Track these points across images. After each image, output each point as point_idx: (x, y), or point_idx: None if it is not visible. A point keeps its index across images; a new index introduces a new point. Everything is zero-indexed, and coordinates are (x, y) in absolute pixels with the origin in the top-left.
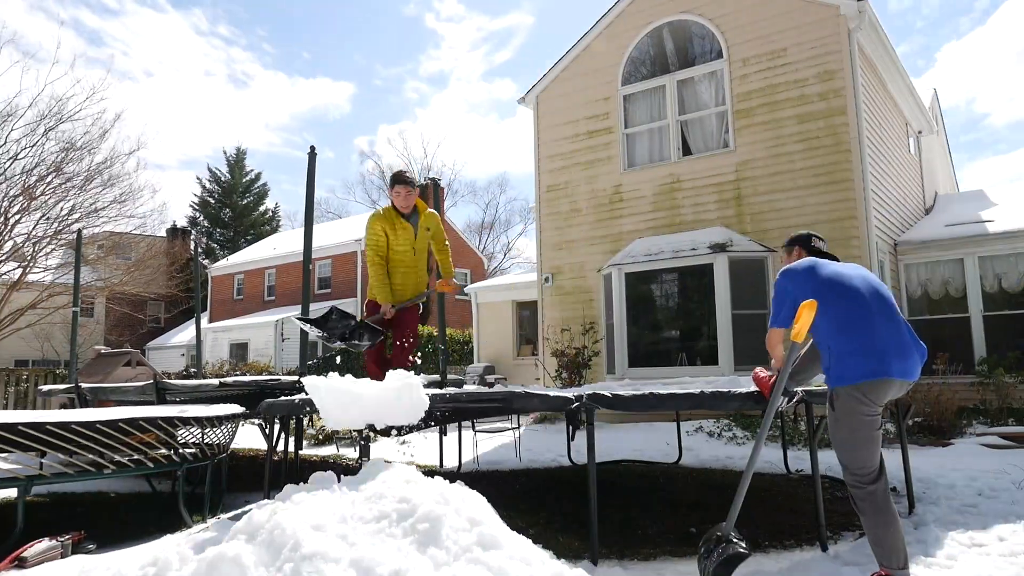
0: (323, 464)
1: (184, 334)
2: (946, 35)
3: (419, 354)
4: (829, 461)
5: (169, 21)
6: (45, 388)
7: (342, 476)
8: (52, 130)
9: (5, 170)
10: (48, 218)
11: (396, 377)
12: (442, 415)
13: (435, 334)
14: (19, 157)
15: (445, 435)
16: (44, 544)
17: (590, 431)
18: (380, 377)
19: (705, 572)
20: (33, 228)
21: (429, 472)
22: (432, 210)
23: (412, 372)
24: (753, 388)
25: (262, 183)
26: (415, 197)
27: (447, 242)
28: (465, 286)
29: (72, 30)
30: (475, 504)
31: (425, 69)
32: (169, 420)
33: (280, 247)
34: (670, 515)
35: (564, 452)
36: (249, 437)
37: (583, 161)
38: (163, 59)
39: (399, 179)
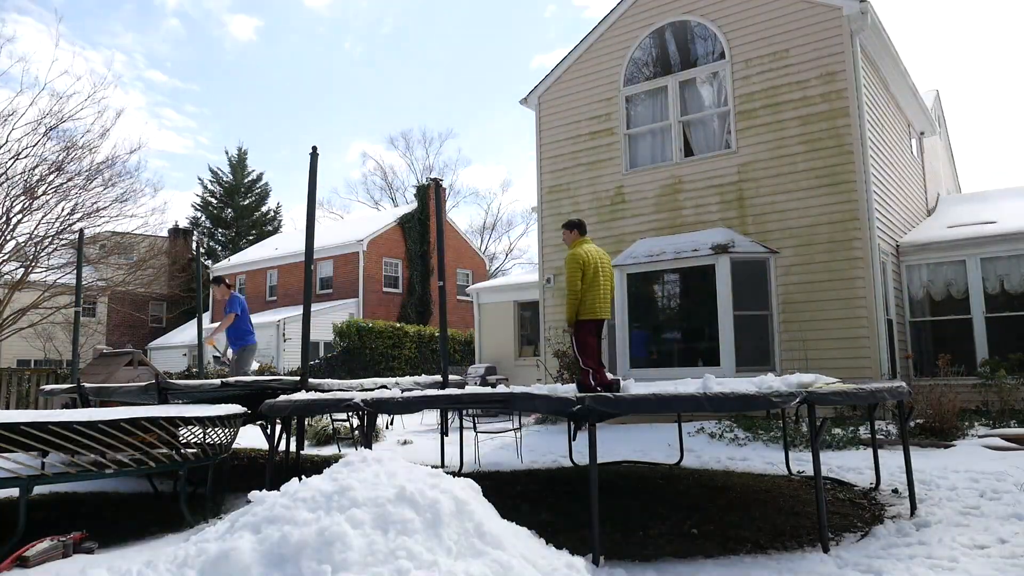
0: (325, 464)
1: (186, 334)
2: None
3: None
4: (831, 463)
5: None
6: (47, 388)
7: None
8: (53, 129)
9: (7, 169)
10: (50, 218)
11: None
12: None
13: (436, 335)
14: (20, 156)
15: (447, 435)
16: (46, 544)
17: (592, 432)
18: None
19: None
20: (35, 228)
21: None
22: None
23: None
24: (752, 389)
25: (264, 183)
26: None
27: None
28: (466, 287)
29: None
30: (481, 507)
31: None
32: (171, 420)
33: (282, 247)
34: (672, 516)
35: (565, 453)
36: (251, 437)
37: (585, 162)
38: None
39: None
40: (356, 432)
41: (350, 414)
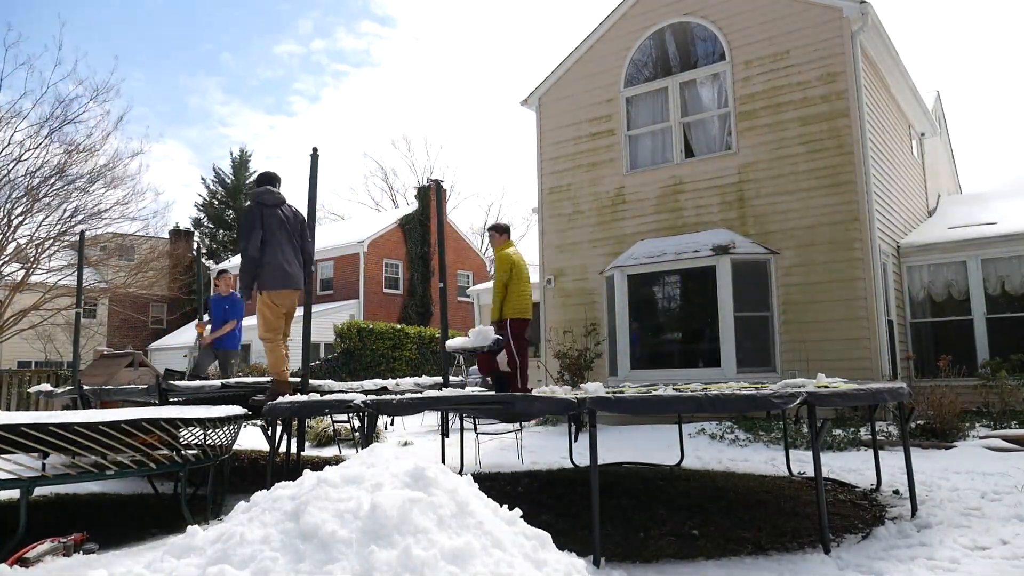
0: (325, 465)
1: (186, 335)
2: None
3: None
4: (831, 463)
5: None
6: (45, 388)
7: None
8: (56, 132)
9: (9, 172)
10: (51, 220)
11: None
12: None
13: (437, 336)
14: (23, 159)
15: (447, 437)
16: (47, 545)
17: (592, 433)
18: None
19: None
20: (36, 229)
21: None
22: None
23: None
24: (751, 391)
25: None
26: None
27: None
28: (467, 288)
29: None
30: (482, 507)
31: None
32: (171, 421)
33: None
34: (672, 517)
35: (566, 454)
36: (252, 438)
37: (585, 163)
38: None
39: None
40: (357, 433)
41: (351, 415)
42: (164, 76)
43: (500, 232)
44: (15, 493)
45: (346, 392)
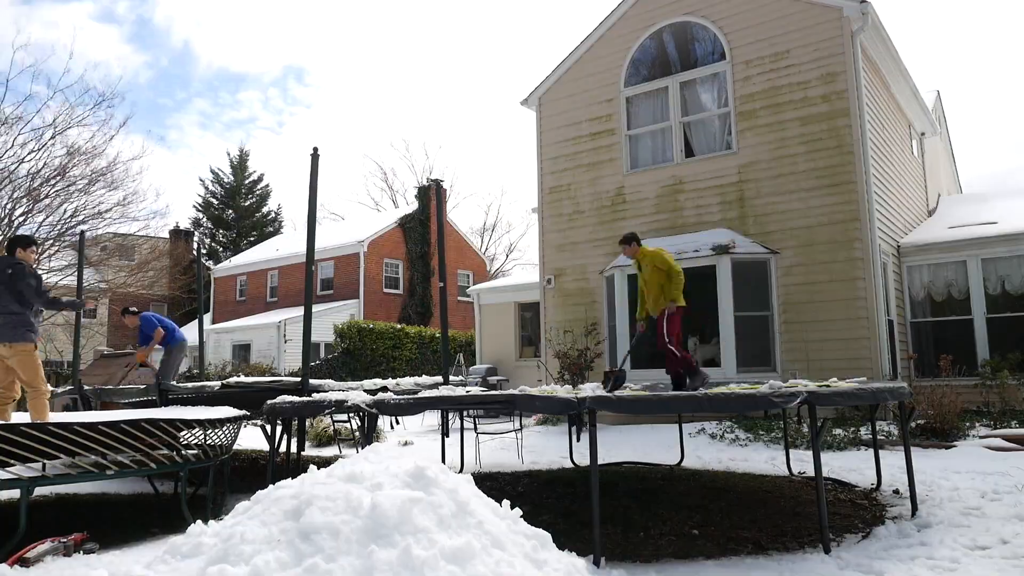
0: (326, 465)
1: (187, 335)
2: None
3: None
4: (832, 463)
5: None
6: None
7: None
8: (60, 134)
9: (11, 173)
10: (52, 220)
11: None
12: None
13: (437, 336)
14: (25, 160)
15: (447, 437)
16: (47, 545)
17: (593, 433)
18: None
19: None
20: (37, 230)
21: None
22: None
23: None
24: (749, 391)
25: (264, 184)
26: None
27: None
28: (467, 287)
29: None
30: (483, 507)
31: None
32: (171, 422)
33: (283, 248)
34: (673, 516)
35: (566, 454)
36: (252, 438)
37: (586, 163)
38: None
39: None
40: (357, 433)
41: (351, 415)
42: (146, 114)
43: (629, 243)
44: (15, 493)
45: (346, 392)
